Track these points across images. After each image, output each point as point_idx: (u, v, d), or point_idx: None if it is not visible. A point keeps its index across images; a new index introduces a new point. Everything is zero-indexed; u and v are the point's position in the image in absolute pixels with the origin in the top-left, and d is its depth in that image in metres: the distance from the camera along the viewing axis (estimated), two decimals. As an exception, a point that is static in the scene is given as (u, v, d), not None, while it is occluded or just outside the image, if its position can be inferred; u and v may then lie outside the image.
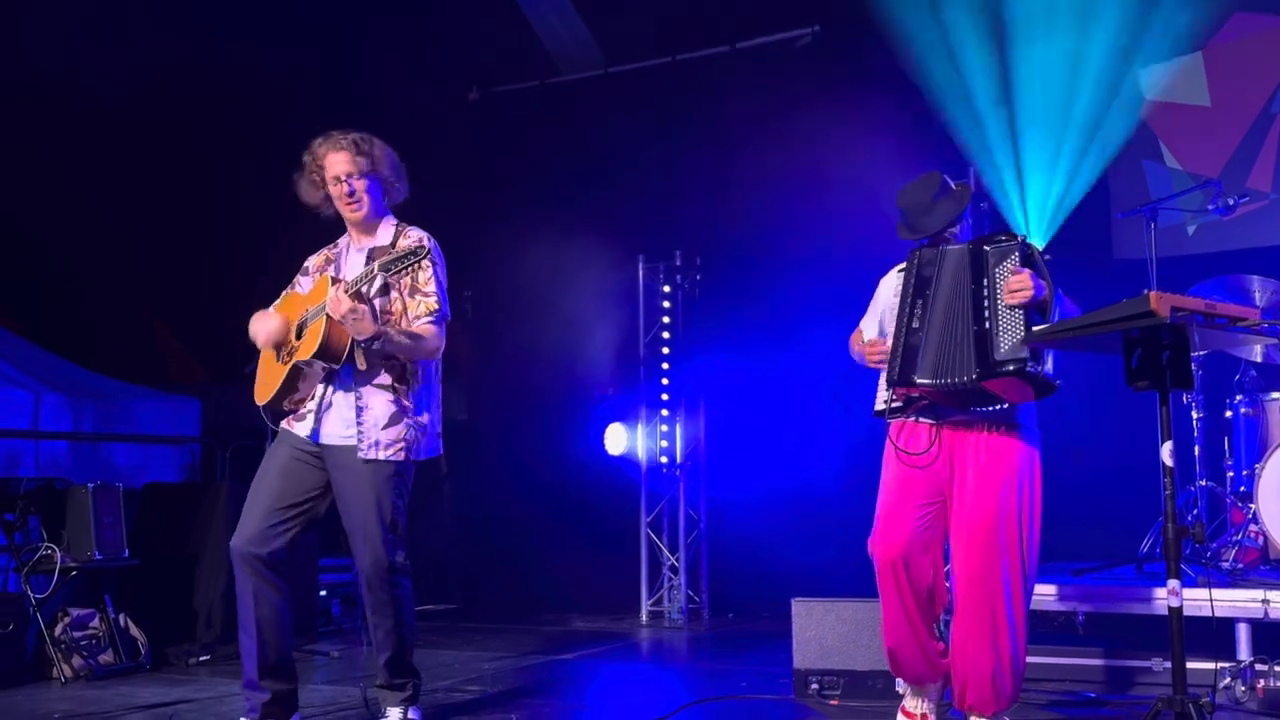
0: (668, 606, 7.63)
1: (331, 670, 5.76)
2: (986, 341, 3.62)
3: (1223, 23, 6.70)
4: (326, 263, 4.19)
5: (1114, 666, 4.74)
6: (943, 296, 3.75)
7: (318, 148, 4.07)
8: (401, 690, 4.08)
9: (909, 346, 3.74)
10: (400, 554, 3.98)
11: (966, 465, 3.79)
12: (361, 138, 4.05)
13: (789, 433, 7.34)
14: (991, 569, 3.71)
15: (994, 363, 3.59)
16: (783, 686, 4.83)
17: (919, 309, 3.76)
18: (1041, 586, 5.02)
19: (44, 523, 5.79)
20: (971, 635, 3.73)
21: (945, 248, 3.83)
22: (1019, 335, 3.59)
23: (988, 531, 3.72)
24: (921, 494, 3.82)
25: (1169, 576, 3.24)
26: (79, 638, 5.56)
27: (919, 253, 3.86)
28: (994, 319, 3.63)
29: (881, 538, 3.84)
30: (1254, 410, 5.43)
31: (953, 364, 3.66)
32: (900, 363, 3.74)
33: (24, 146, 7.21)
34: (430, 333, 3.94)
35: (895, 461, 3.88)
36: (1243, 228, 6.36)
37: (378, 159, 4.06)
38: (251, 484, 4.04)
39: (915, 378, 3.71)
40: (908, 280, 3.84)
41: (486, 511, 8.57)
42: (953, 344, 3.68)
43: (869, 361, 3.94)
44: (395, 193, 4.13)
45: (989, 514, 3.72)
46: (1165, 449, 3.28)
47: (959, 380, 3.64)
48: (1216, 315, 3.19)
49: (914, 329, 3.75)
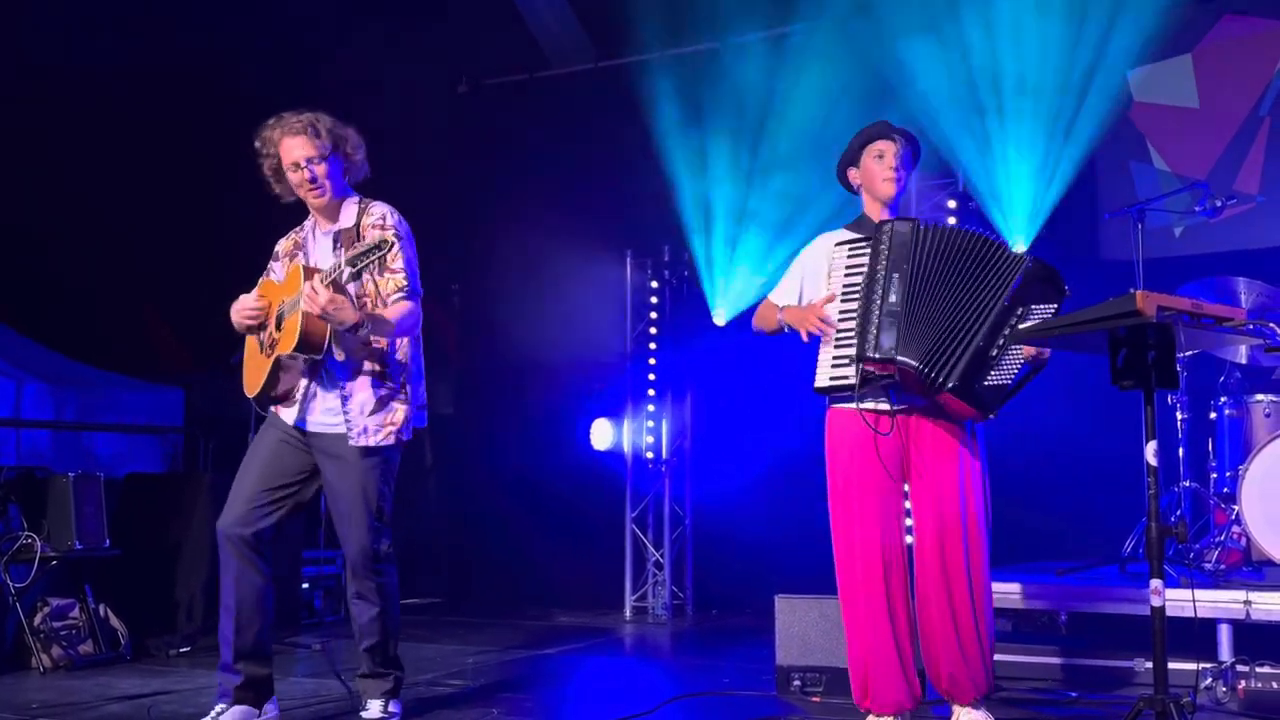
0: (652, 602, 7.63)
1: (313, 662, 5.73)
2: (982, 367, 3.59)
3: (1211, 25, 6.71)
4: (295, 247, 4.14)
5: (1096, 666, 4.74)
6: (938, 278, 3.65)
7: (270, 132, 3.96)
8: (384, 681, 4.06)
9: (886, 321, 3.61)
10: (386, 542, 3.98)
11: (923, 450, 3.76)
12: (316, 118, 3.94)
13: (775, 429, 7.34)
14: (956, 554, 3.70)
15: (973, 389, 3.57)
16: (765, 683, 4.82)
17: (895, 283, 3.63)
18: (1024, 586, 5.03)
19: (24, 512, 5.75)
20: (940, 624, 3.71)
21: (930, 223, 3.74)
22: (1007, 380, 3.59)
23: (953, 516, 3.70)
24: (881, 487, 3.75)
25: (1152, 576, 3.24)
26: (58, 628, 5.53)
27: (892, 223, 3.74)
28: (1001, 350, 3.61)
29: (863, 537, 3.74)
30: (1238, 412, 5.45)
31: (944, 360, 3.60)
32: (876, 335, 3.60)
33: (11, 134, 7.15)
34: (405, 309, 3.91)
35: (849, 453, 3.79)
36: (1230, 230, 6.38)
37: (337, 138, 3.96)
38: (239, 467, 4.03)
39: (897, 354, 3.59)
40: (878, 256, 3.69)
41: (471, 506, 8.55)
42: (952, 340, 3.60)
43: (808, 325, 3.76)
44: (356, 169, 4.05)
45: (951, 497, 3.71)
46: (1149, 449, 3.28)
47: (934, 376, 3.58)
48: (1203, 315, 3.19)
49: (891, 304, 3.62)
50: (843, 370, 3.70)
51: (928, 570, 3.74)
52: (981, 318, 3.62)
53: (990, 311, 3.62)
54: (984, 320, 3.62)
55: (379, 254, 3.68)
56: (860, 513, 3.77)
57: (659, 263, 7.82)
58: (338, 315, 3.72)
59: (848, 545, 3.80)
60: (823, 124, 6.91)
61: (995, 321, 3.61)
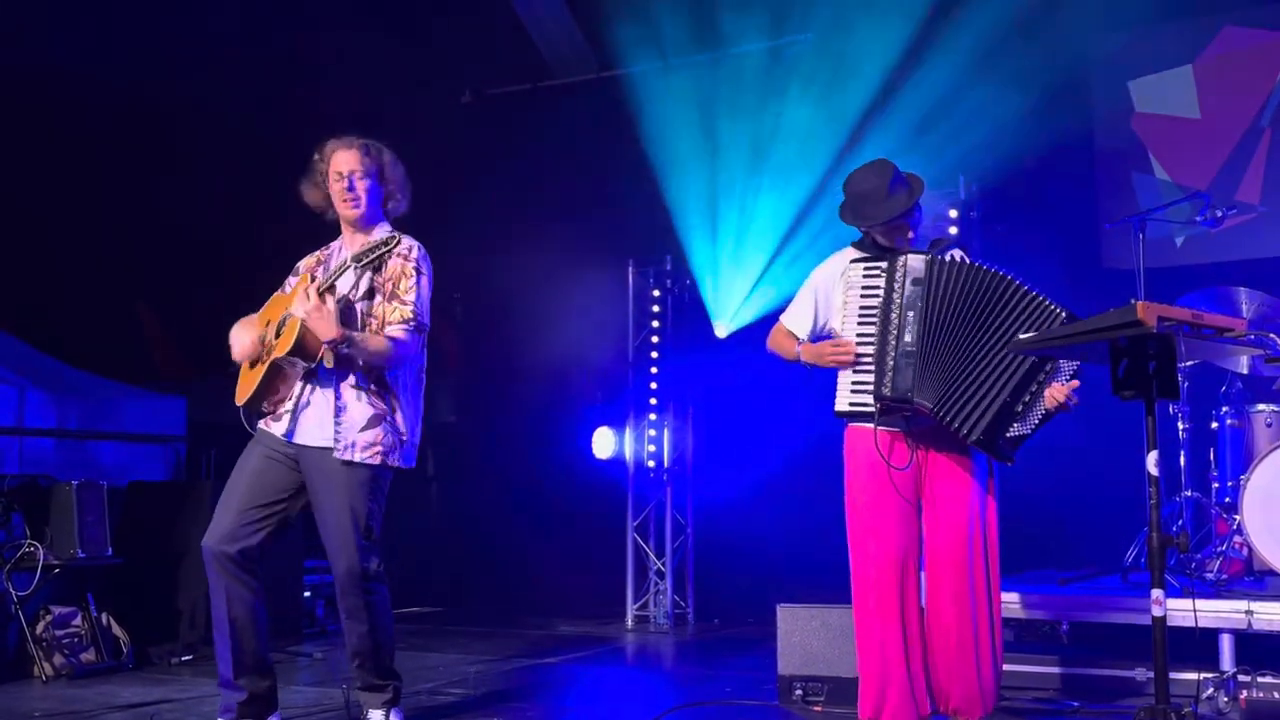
0: (653, 611, 7.62)
1: (315, 671, 5.73)
2: (1007, 421, 3.60)
3: (1212, 36, 6.73)
4: (317, 264, 4.18)
5: (1097, 676, 4.74)
6: (956, 320, 3.64)
7: (327, 145, 4.09)
8: (383, 692, 4.06)
9: (903, 361, 3.64)
10: (375, 560, 3.95)
11: (938, 473, 3.78)
12: (374, 144, 4.08)
13: (776, 438, 7.34)
14: (973, 573, 3.72)
15: (996, 443, 3.60)
16: (767, 692, 4.82)
17: (910, 321, 3.65)
18: (1026, 596, 5.03)
19: (27, 520, 5.76)
20: (954, 641, 3.72)
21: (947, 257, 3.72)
22: (1028, 431, 3.60)
23: (967, 537, 3.72)
24: (899, 505, 3.77)
25: (1153, 586, 3.24)
26: (61, 636, 5.53)
27: (906, 257, 3.72)
28: (1028, 405, 3.61)
29: (877, 549, 3.76)
30: (1240, 422, 5.45)
31: (963, 407, 3.60)
32: (894, 378, 3.65)
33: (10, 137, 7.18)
34: (400, 340, 3.91)
35: (868, 470, 3.80)
36: (1231, 240, 6.39)
37: (384, 164, 4.07)
38: (226, 484, 4.03)
39: (914, 397, 3.63)
40: (892, 291, 3.70)
41: (473, 514, 8.55)
42: (972, 389, 3.60)
43: (826, 360, 3.80)
44: (396, 204, 4.13)
45: (965, 520, 3.72)
46: (1151, 459, 3.28)
47: (958, 427, 3.61)
48: (1203, 326, 3.20)
49: (906, 344, 3.64)
50: (862, 397, 3.73)
51: (941, 588, 3.76)
52: (1007, 372, 3.62)
53: (1018, 367, 3.62)
54: (1010, 374, 3.61)
55: (382, 250, 3.78)
56: (876, 528, 3.79)
57: (661, 271, 7.84)
58: (319, 325, 3.76)
59: (863, 560, 3.82)
60: (824, 134, 6.95)
61: (1024, 377, 3.62)
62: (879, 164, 3.79)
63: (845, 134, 6.88)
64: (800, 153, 7.07)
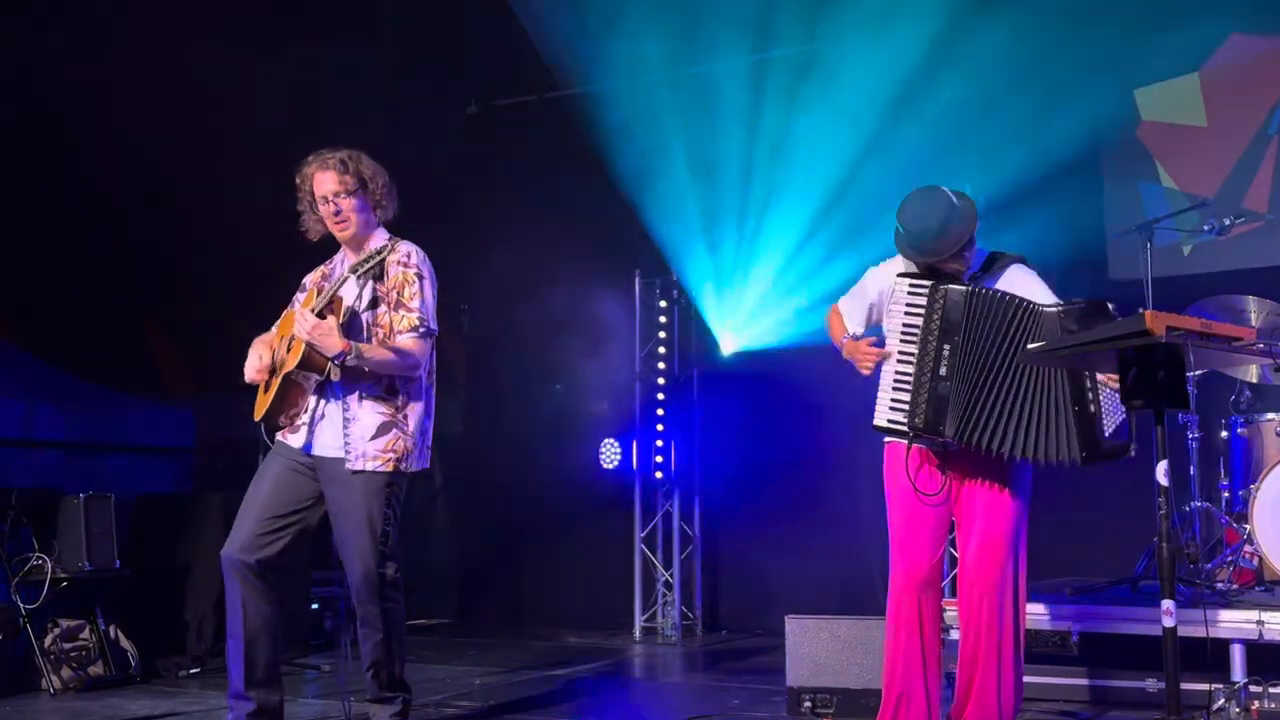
0: (661, 622, 7.61)
1: (323, 684, 5.73)
2: (1094, 423, 3.56)
3: (1219, 43, 6.72)
4: (323, 278, 4.23)
5: (1108, 686, 4.72)
6: (990, 353, 3.63)
7: (306, 167, 4.09)
8: (391, 704, 4.06)
9: (937, 395, 3.65)
10: (391, 567, 3.97)
11: (975, 490, 3.78)
12: (349, 155, 4.05)
13: (784, 448, 7.33)
14: (1003, 590, 3.73)
15: (1101, 446, 3.56)
16: (776, 704, 4.81)
17: (945, 355, 3.65)
18: (1035, 606, 5.01)
19: (35, 532, 5.77)
20: (982, 654, 3.74)
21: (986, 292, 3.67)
22: (1122, 415, 3.56)
23: (1001, 555, 3.72)
24: (931, 520, 3.80)
25: (1163, 596, 3.23)
26: (69, 649, 5.53)
27: (946, 290, 3.68)
28: (1096, 399, 3.57)
29: (904, 565, 3.79)
30: (1249, 431, 5.43)
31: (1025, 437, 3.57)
32: (927, 411, 3.65)
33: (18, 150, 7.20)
34: (409, 347, 3.94)
35: (902, 488, 3.82)
36: (1239, 248, 6.36)
37: (365, 176, 4.06)
38: (245, 494, 4.04)
39: (943, 429, 3.64)
40: (931, 321, 3.69)
41: (480, 525, 8.55)
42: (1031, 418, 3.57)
43: (859, 364, 3.83)
44: (384, 210, 4.14)
45: (1002, 536, 3.73)
46: (1160, 468, 3.28)
47: (1055, 459, 3.58)
48: (1212, 335, 3.19)
49: (941, 377, 3.65)
50: (899, 415, 3.73)
51: (971, 605, 3.77)
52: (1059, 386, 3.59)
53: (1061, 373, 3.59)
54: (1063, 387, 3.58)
55: (376, 259, 3.81)
56: (906, 543, 3.81)
57: (668, 283, 7.84)
58: (322, 341, 3.80)
59: (894, 573, 3.84)
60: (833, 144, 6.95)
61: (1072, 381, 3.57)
62: (932, 195, 3.73)
63: (855, 145, 6.88)
64: (809, 163, 7.07)
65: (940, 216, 3.67)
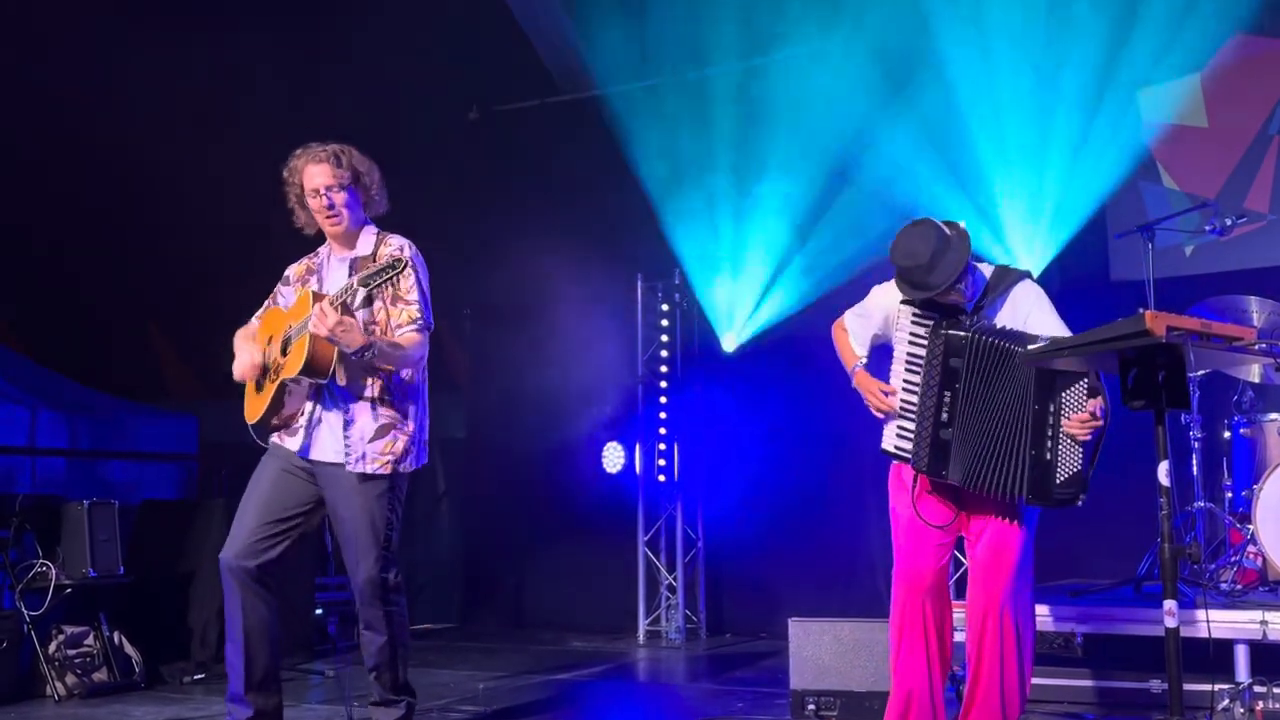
0: (665, 626, 7.60)
1: (327, 689, 5.73)
2: (1048, 471, 3.58)
3: (1221, 44, 6.71)
4: (308, 273, 4.18)
5: (1111, 688, 4.72)
6: (983, 399, 3.65)
7: (295, 160, 4.06)
8: (395, 708, 4.06)
9: (939, 441, 3.68)
10: (394, 570, 3.97)
11: (984, 502, 3.77)
12: (341, 149, 4.03)
13: (787, 451, 7.33)
14: (1011, 595, 3.74)
15: (1051, 494, 3.58)
16: (780, 707, 4.81)
17: (947, 401, 3.67)
18: (1039, 608, 5.00)
19: (39, 539, 5.77)
20: (987, 658, 3.74)
21: (982, 338, 3.67)
22: (1077, 468, 3.58)
23: (1010, 561, 3.73)
24: (936, 535, 3.81)
25: (1166, 597, 3.23)
26: (73, 655, 5.54)
27: (945, 336, 3.70)
28: (1054, 449, 3.59)
29: (909, 570, 3.80)
30: (1252, 431, 5.43)
31: (996, 476, 3.61)
32: (929, 456, 3.69)
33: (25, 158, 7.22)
34: (413, 341, 3.93)
35: (907, 495, 3.84)
36: (1241, 248, 6.36)
37: (357, 170, 4.04)
38: (242, 498, 4.03)
39: (945, 473, 3.68)
40: (932, 364, 3.71)
41: (484, 529, 8.55)
42: (999, 457, 3.61)
43: (868, 404, 3.87)
44: (374, 204, 4.12)
45: (1011, 543, 3.74)
46: (1162, 469, 3.27)
47: (999, 493, 3.62)
48: (1212, 335, 3.18)
49: (943, 423, 3.68)
50: (904, 442, 3.77)
51: (978, 615, 3.78)
52: (1022, 426, 3.61)
53: (1026, 414, 3.61)
54: (1025, 428, 3.60)
55: (391, 274, 3.74)
56: (911, 553, 3.83)
57: (669, 286, 7.84)
58: (345, 338, 3.74)
59: (898, 580, 3.86)
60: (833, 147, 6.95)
61: (1035, 424, 3.60)
62: (922, 228, 3.70)
63: (850, 147, 6.88)
64: (806, 165, 7.07)
65: (930, 250, 3.64)
